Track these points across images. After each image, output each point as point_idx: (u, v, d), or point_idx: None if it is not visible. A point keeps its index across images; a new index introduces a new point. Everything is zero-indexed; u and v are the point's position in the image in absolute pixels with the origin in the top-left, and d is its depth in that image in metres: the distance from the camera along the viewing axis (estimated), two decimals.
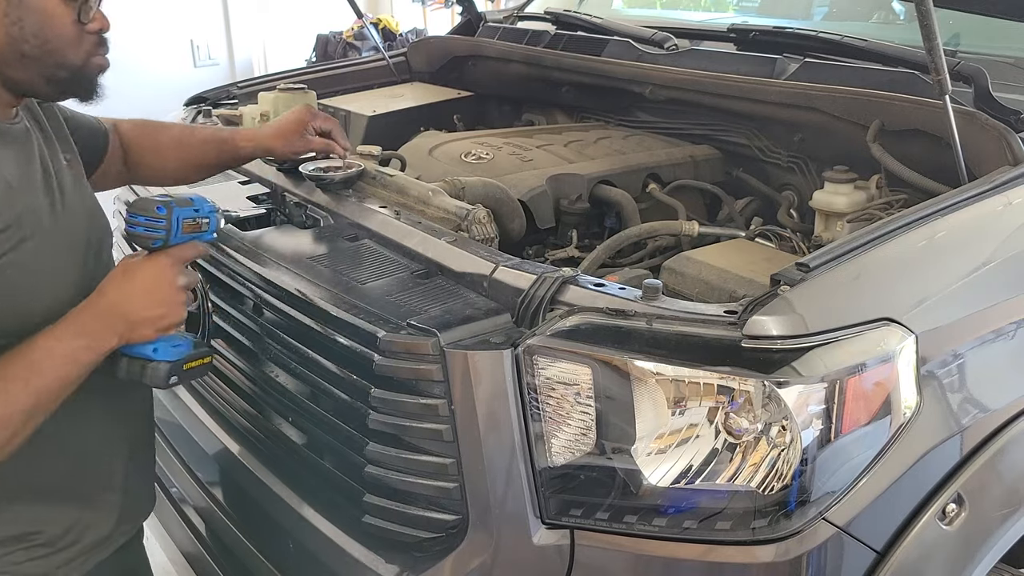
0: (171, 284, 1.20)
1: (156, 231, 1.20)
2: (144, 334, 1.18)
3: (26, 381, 1.08)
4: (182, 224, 1.22)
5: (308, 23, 5.40)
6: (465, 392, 1.16)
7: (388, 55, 2.70)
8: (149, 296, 1.18)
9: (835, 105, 1.74)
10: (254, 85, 2.44)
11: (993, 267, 1.28)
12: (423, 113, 2.42)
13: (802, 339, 1.08)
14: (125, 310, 1.16)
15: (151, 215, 1.20)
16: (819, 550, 1.11)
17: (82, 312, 1.15)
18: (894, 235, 1.24)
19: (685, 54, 2.10)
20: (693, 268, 1.50)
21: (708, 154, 2.08)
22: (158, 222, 1.20)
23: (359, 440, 1.28)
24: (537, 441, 1.16)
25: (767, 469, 1.09)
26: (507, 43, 2.45)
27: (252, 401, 1.58)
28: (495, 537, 1.18)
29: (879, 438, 1.13)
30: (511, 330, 1.20)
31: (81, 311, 1.15)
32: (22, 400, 1.08)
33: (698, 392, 1.10)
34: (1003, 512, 1.27)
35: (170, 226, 1.20)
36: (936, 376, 1.19)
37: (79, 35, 1.19)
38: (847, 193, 1.65)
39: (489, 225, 1.58)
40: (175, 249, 1.22)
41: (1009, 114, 1.50)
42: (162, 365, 1.21)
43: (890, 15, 2.42)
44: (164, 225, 1.20)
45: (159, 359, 1.21)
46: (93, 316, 1.15)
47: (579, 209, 1.85)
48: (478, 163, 1.92)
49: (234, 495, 1.64)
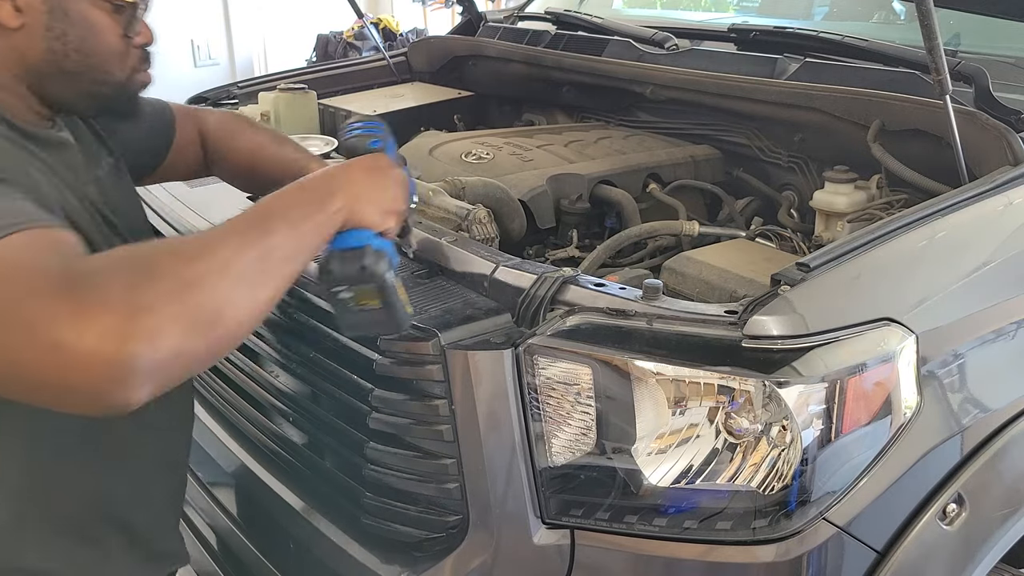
0: (396, 174, 1.10)
1: (375, 131, 1.14)
2: (368, 214, 1.03)
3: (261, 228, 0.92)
4: (394, 147, 1.16)
5: (308, 23, 5.41)
6: (465, 392, 1.16)
7: (388, 55, 2.70)
8: (376, 178, 1.06)
9: (835, 105, 1.74)
10: (254, 85, 2.44)
11: (994, 267, 1.28)
12: (423, 113, 2.42)
13: (802, 339, 1.08)
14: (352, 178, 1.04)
15: (370, 120, 1.17)
16: (819, 550, 1.11)
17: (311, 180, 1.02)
18: (895, 235, 1.24)
19: (685, 54, 2.10)
20: (693, 268, 1.50)
21: (708, 154, 2.08)
22: (377, 126, 1.16)
23: (359, 440, 1.28)
24: (537, 441, 1.16)
25: (767, 469, 1.09)
26: (507, 43, 2.45)
27: (252, 401, 1.58)
28: (495, 537, 1.18)
29: (879, 438, 1.13)
30: (511, 330, 1.20)
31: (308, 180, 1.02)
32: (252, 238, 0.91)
33: (698, 392, 1.10)
34: (1003, 512, 1.27)
35: (387, 133, 1.15)
36: (936, 376, 1.19)
37: (125, 49, 1.13)
38: (847, 193, 1.65)
39: (489, 225, 1.58)
40: None
41: (1010, 114, 1.50)
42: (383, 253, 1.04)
43: (890, 15, 2.42)
44: (382, 129, 1.15)
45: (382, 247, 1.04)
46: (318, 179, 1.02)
47: (579, 209, 1.85)
48: (478, 163, 1.92)
49: (234, 495, 1.64)
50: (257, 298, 0.90)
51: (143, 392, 0.81)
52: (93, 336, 0.77)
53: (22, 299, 0.80)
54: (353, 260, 1.02)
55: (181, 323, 0.81)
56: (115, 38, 1.11)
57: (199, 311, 0.83)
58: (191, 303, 0.82)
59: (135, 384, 0.79)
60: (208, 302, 0.84)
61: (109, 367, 0.78)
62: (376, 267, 1.02)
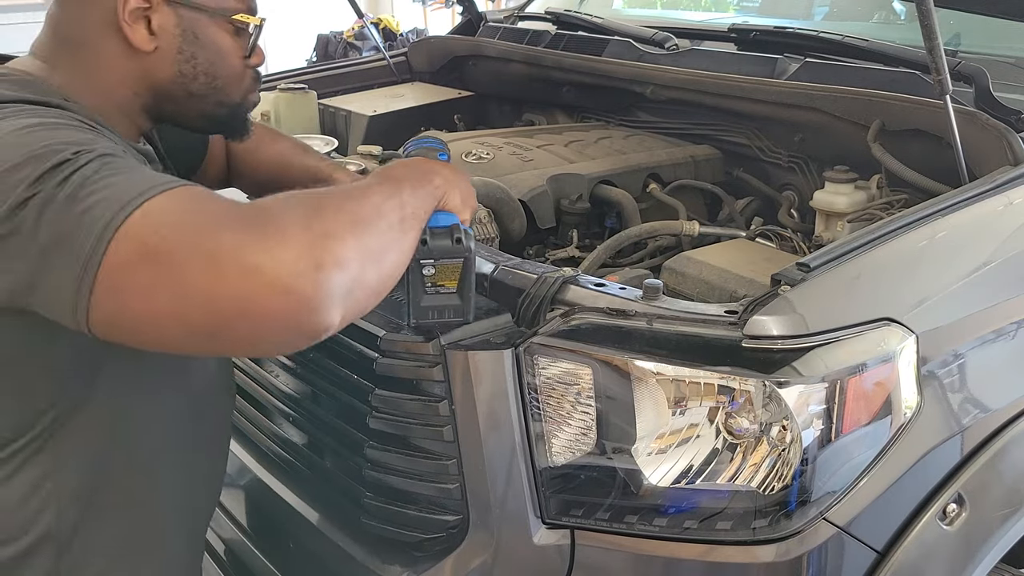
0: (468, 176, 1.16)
1: (439, 146, 1.24)
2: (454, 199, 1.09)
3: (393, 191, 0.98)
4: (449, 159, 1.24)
5: (308, 23, 5.40)
6: (466, 392, 1.16)
7: (389, 55, 2.70)
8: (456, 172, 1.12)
9: (836, 105, 1.74)
10: None
11: (994, 267, 1.28)
12: (424, 113, 2.42)
13: (803, 339, 1.08)
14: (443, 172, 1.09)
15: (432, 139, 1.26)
16: (819, 550, 1.11)
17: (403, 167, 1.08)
18: (895, 235, 1.24)
19: (686, 54, 2.10)
20: (694, 268, 1.50)
21: (709, 154, 2.08)
22: (440, 144, 1.25)
23: (359, 441, 1.28)
24: (538, 441, 1.16)
25: (767, 469, 1.09)
26: (508, 43, 2.45)
27: (252, 402, 1.58)
28: (496, 537, 1.18)
29: (880, 438, 1.13)
30: (512, 330, 1.20)
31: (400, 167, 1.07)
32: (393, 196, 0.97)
33: (698, 392, 1.10)
34: (1004, 512, 1.27)
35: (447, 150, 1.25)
36: (937, 376, 1.19)
37: (244, 71, 1.17)
38: (848, 193, 1.65)
39: (490, 225, 1.58)
40: None
41: (1010, 114, 1.50)
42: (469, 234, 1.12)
43: (891, 15, 2.43)
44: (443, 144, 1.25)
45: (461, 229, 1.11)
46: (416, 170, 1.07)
47: (580, 209, 1.85)
48: (479, 163, 1.92)
49: (235, 496, 1.64)
50: (403, 247, 0.97)
51: (336, 315, 0.85)
52: (289, 259, 0.81)
53: (211, 234, 0.83)
54: (445, 235, 1.09)
55: (359, 252, 0.87)
56: (237, 61, 1.15)
57: (369, 244, 0.89)
58: (363, 236, 0.89)
59: (330, 306, 0.84)
60: (374, 238, 0.91)
61: (307, 287, 0.82)
62: (467, 242, 1.10)
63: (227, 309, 0.83)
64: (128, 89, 1.09)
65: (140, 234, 0.83)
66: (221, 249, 0.82)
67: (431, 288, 1.13)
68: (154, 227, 0.83)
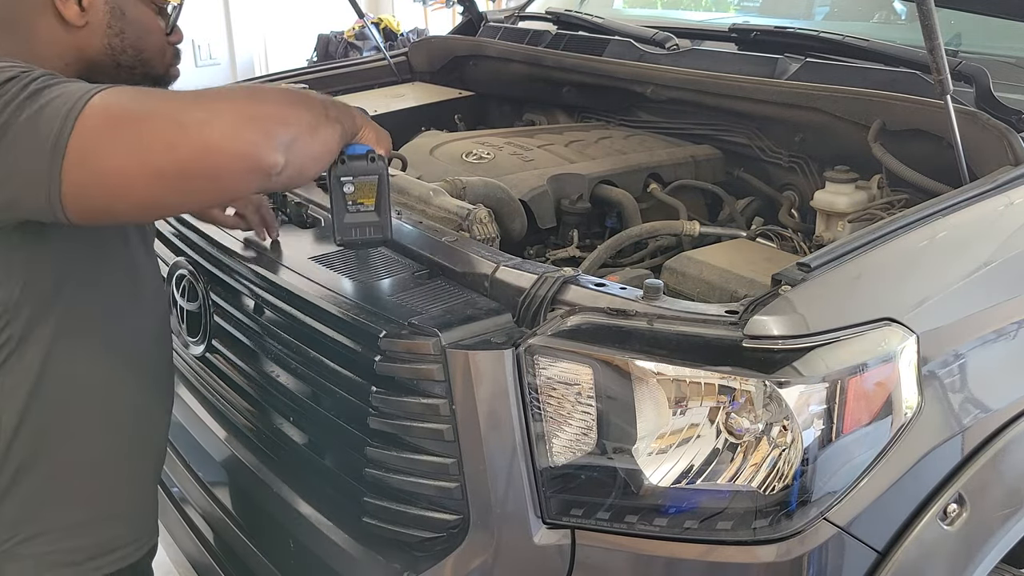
0: None
1: None
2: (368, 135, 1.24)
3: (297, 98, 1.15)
4: None
5: (309, 23, 5.40)
6: (466, 392, 1.16)
7: (389, 55, 2.70)
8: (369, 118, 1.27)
9: (836, 105, 1.74)
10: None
11: (994, 267, 1.28)
12: (424, 113, 2.42)
13: (803, 339, 1.08)
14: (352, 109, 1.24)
15: None
16: (820, 550, 1.11)
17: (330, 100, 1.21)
18: (895, 235, 1.23)
19: (686, 54, 2.10)
20: (694, 268, 1.50)
21: (709, 154, 2.08)
22: None
23: (360, 440, 1.28)
24: (538, 441, 1.16)
25: (768, 469, 1.09)
26: (508, 43, 2.45)
27: (253, 401, 1.58)
28: (496, 537, 1.18)
29: (880, 438, 1.13)
30: (512, 330, 1.20)
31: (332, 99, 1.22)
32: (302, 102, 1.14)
33: (699, 392, 1.10)
34: (1004, 512, 1.27)
35: None
36: (937, 376, 1.19)
37: (166, 47, 1.30)
38: (848, 193, 1.65)
39: (490, 225, 1.58)
40: None
41: (1010, 114, 1.50)
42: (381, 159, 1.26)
43: (891, 15, 2.43)
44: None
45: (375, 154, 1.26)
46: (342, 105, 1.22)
47: (580, 209, 1.85)
48: (479, 163, 1.92)
49: (235, 495, 1.64)
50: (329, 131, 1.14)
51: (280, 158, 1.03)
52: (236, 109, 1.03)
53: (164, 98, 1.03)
54: (361, 156, 1.24)
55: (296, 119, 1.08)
56: (160, 37, 1.28)
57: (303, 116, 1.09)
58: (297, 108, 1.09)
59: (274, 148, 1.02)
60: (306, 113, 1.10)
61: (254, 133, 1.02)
62: (379, 161, 1.25)
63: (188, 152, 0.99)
64: (62, 61, 1.18)
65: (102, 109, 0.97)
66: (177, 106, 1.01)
67: (352, 206, 1.26)
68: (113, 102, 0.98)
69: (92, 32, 1.19)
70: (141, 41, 1.24)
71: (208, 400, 1.72)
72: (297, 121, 1.08)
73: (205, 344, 1.65)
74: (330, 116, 1.15)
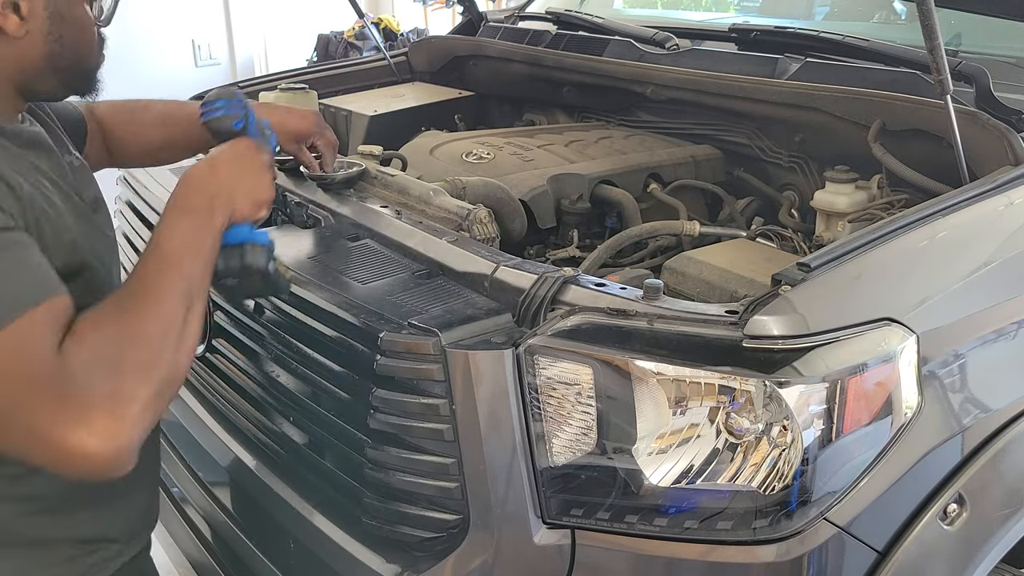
0: (261, 161, 1.20)
1: (236, 110, 1.21)
2: (243, 208, 1.14)
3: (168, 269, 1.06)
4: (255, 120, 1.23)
5: (309, 23, 5.40)
6: (466, 392, 1.16)
7: (389, 55, 2.70)
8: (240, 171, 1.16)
9: (836, 105, 1.74)
10: (255, 85, 2.43)
11: (994, 267, 1.28)
12: (424, 113, 2.42)
13: (803, 339, 1.08)
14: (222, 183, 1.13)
15: (231, 98, 1.22)
16: (820, 550, 1.11)
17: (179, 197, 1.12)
18: (895, 235, 1.23)
19: (686, 54, 2.10)
20: (694, 268, 1.50)
21: (709, 154, 2.08)
22: (237, 103, 1.22)
23: (360, 440, 1.28)
24: (538, 441, 1.16)
25: (768, 469, 1.09)
26: (508, 43, 2.45)
27: (253, 401, 1.58)
28: (496, 537, 1.18)
29: (880, 438, 1.13)
30: (512, 330, 1.20)
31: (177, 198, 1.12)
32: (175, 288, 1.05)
33: (699, 392, 1.10)
34: (1004, 512, 1.27)
35: (248, 111, 1.22)
36: (937, 376, 1.19)
37: (96, 39, 1.21)
38: (848, 193, 1.65)
39: (490, 225, 1.58)
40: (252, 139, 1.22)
41: (1010, 114, 1.50)
42: (261, 247, 1.17)
43: (891, 15, 2.42)
44: (243, 106, 1.22)
45: (259, 241, 1.17)
46: (193, 195, 1.12)
47: (580, 209, 1.85)
48: (479, 163, 1.92)
49: (235, 495, 1.64)
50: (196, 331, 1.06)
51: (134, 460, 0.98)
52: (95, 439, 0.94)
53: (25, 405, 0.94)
54: (235, 256, 1.15)
55: (156, 398, 0.99)
56: (93, 31, 1.20)
57: (166, 379, 1.01)
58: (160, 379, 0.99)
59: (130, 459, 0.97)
60: (171, 370, 1.02)
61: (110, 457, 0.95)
62: (256, 262, 1.16)
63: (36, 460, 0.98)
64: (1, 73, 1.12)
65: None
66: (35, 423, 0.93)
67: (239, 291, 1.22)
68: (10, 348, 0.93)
69: (32, 42, 1.11)
70: (79, 41, 1.17)
71: (208, 400, 1.72)
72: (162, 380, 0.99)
73: (205, 344, 1.65)
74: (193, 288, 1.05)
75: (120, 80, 1.31)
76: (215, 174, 1.14)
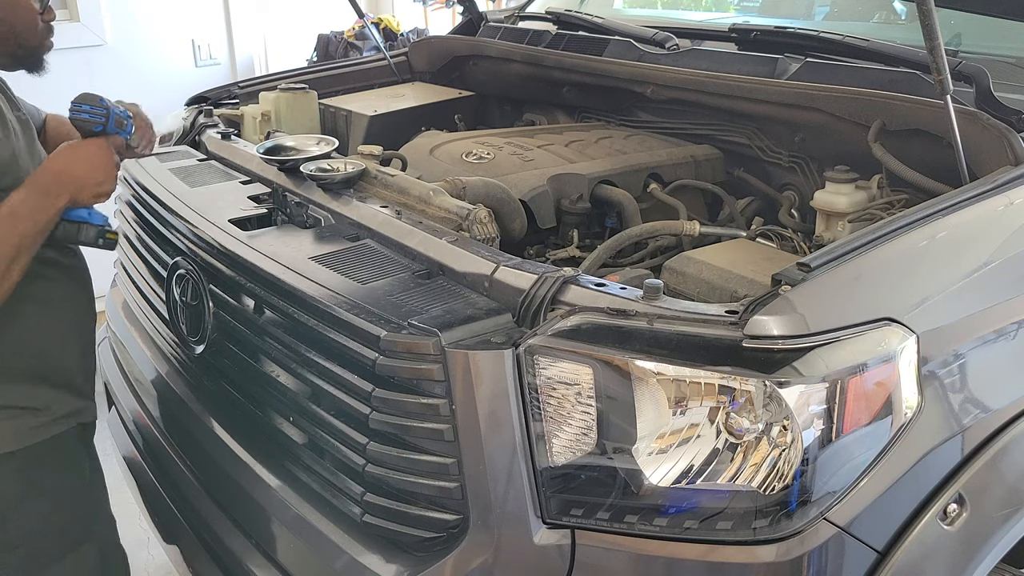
0: (109, 159, 1.54)
1: (98, 117, 1.53)
2: (85, 197, 1.51)
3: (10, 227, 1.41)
4: (114, 118, 1.55)
5: (309, 23, 5.39)
6: (466, 392, 1.16)
7: (389, 55, 2.70)
8: (92, 167, 1.51)
9: (836, 105, 1.74)
10: (255, 85, 2.44)
11: (994, 267, 1.28)
12: (424, 113, 2.42)
13: (803, 339, 1.08)
14: (75, 174, 1.49)
15: (95, 104, 1.53)
16: (820, 550, 1.11)
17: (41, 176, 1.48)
18: (895, 235, 1.23)
19: (686, 54, 2.10)
20: (694, 268, 1.50)
21: (709, 154, 2.08)
22: (100, 110, 1.53)
23: (360, 440, 1.28)
24: (538, 441, 1.16)
25: (768, 469, 1.09)
26: (508, 43, 2.45)
27: (253, 401, 1.58)
28: (496, 537, 1.18)
29: (880, 438, 1.13)
30: (512, 330, 1.20)
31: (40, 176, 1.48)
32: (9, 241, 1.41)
33: (699, 392, 1.10)
34: (1004, 512, 1.27)
35: (108, 116, 1.54)
36: (937, 376, 1.19)
37: (38, 23, 1.57)
38: (848, 193, 1.65)
39: (490, 225, 1.58)
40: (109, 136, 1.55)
41: (1010, 114, 1.50)
42: (94, 227, 1.54)
43: (891, 15, 2.42)
44: (104, 114, 1.54)
45: (93, 221, 1.54)
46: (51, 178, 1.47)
47: (580, 209, 1.85)
48: (479, 163, 1.92)
49: (235, 495, 1.63)
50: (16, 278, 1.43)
51: None
52: None
53: None
54: (72, 231, 1.53)
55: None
56: (33, 15, 1.56)
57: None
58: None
59: None
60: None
61: None
62: (87, 238, 1.55)
63: None
64: None
65: None
66: None
67: None
68: None
69: None
70: (11, 16, 1.51)
71: (208, 400, 1.72)
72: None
73: (205, 344, 1.65)
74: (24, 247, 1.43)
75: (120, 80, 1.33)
76: (68, 165, 1.49)
